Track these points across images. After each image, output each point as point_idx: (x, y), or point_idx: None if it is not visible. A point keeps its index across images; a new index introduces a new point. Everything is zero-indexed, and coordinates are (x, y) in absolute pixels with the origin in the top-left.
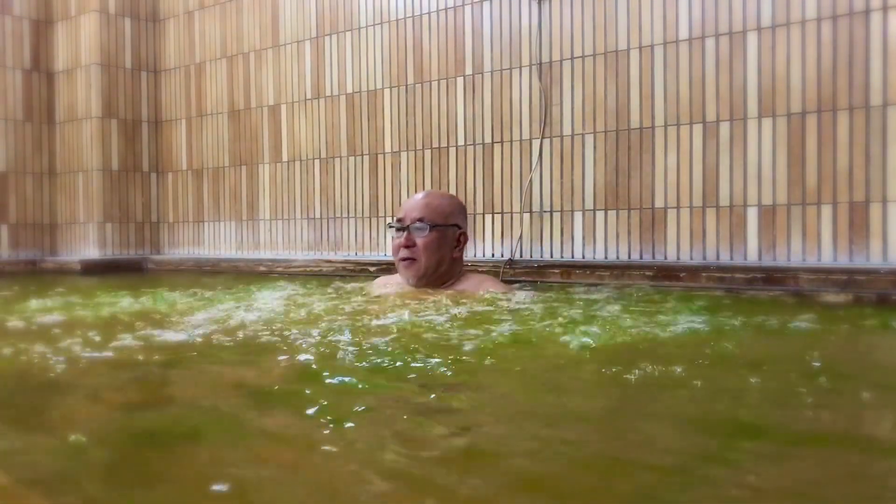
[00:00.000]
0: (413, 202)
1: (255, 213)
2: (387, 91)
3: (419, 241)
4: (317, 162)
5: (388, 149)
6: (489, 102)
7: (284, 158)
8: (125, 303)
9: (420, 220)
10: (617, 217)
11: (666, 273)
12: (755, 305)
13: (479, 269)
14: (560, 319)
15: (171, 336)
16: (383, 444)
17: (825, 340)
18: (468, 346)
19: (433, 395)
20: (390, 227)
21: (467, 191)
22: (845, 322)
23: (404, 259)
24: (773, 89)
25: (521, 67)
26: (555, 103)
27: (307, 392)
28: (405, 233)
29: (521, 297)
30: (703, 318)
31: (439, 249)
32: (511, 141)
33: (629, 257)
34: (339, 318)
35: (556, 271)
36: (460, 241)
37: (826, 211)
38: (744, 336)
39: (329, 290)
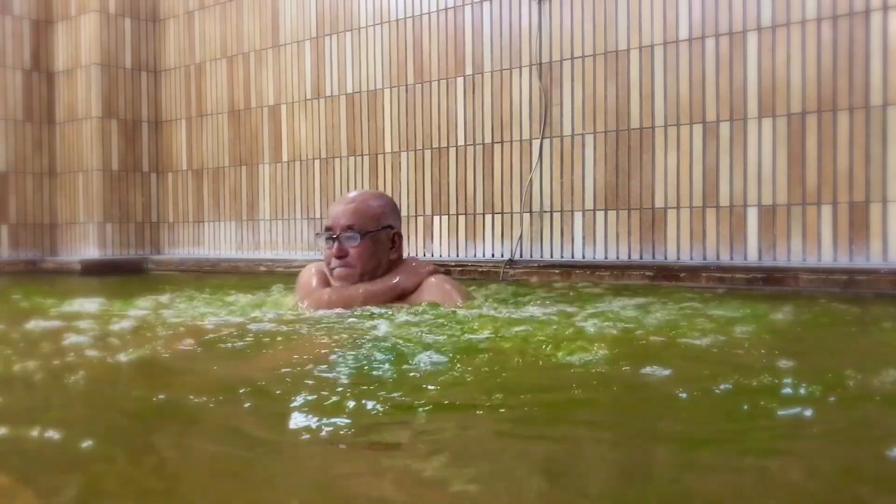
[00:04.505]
0: (341, 208)
1: (255, 213)
2: (387, 91)
3: (352, 250)
4: (317, 162)
5: (388, 149)
6: (489, 102)
7: (284, 158)
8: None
9: (350, 227)
10: (617, 217)
11: (666, 273)
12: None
13: (480, 269)
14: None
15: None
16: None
17: None
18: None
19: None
20: (318, 236)
21: (467, 191)
22: None
23: (339, 268)
24: (773, 89)
25: (521, 67)
26: (555, 103)
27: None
28: (336, 243)
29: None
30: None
31: (375, 255)
32: (511, 141)
33: (629, 257)
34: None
35: (556, 271)
36: (395, 241)
37: (826, 211)
38: None
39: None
